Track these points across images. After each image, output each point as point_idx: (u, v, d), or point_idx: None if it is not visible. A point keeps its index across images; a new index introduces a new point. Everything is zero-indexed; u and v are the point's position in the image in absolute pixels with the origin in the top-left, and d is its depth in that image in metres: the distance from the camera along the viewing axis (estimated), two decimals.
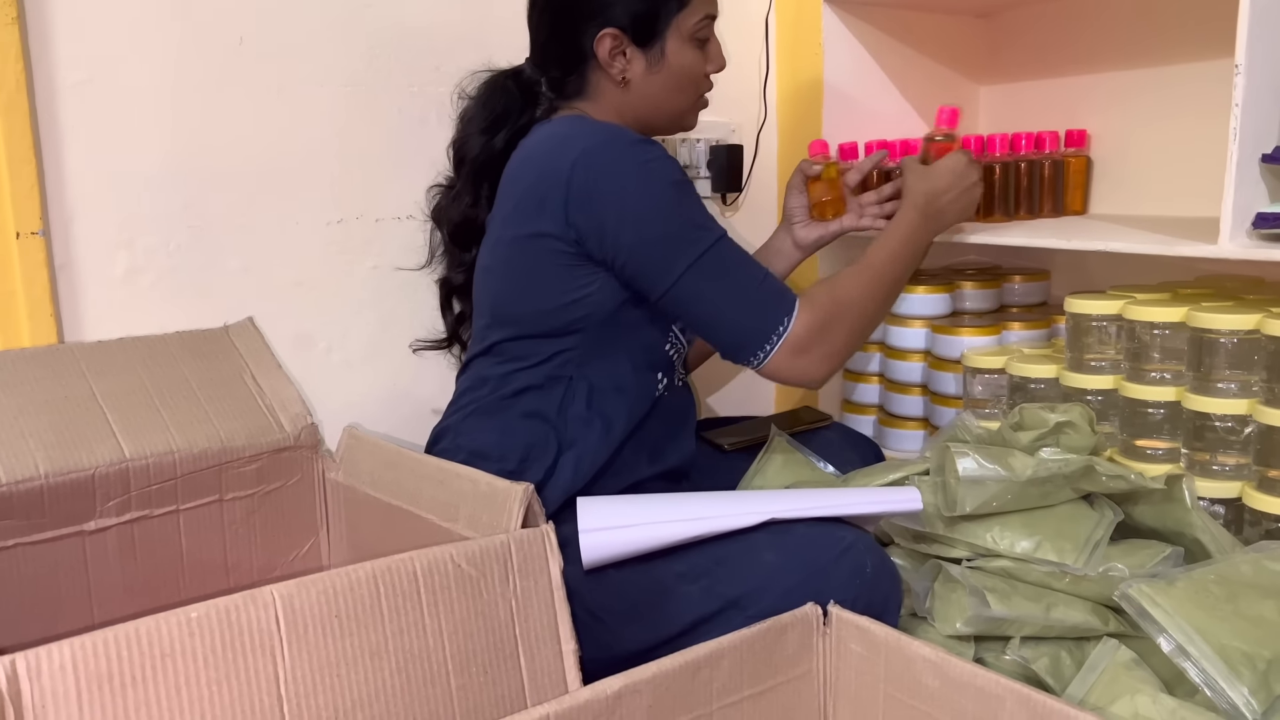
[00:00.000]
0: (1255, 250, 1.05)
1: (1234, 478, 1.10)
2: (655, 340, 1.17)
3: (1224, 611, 0.90)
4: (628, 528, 1.00)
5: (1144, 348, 1.16)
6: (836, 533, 1.00)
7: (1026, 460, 1.03)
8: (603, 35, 1.14)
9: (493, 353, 1.17)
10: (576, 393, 1.13)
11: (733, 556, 1.01)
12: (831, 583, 0.96)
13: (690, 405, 1.27)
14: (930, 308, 1.53)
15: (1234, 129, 1.05)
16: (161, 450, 1.08)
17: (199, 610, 0.69)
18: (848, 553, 0.98)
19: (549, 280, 1.10)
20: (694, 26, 1.17)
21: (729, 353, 1.10)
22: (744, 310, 1.07)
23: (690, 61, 1.18)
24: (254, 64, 1.29)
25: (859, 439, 1.50)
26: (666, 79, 1.18)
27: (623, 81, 1.17)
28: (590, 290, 1.10)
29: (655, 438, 1.18)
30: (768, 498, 1.06)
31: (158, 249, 1.25)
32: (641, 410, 1.16)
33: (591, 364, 1.13)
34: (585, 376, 1.13)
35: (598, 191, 1.05)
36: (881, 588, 0.99)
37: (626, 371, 1.14)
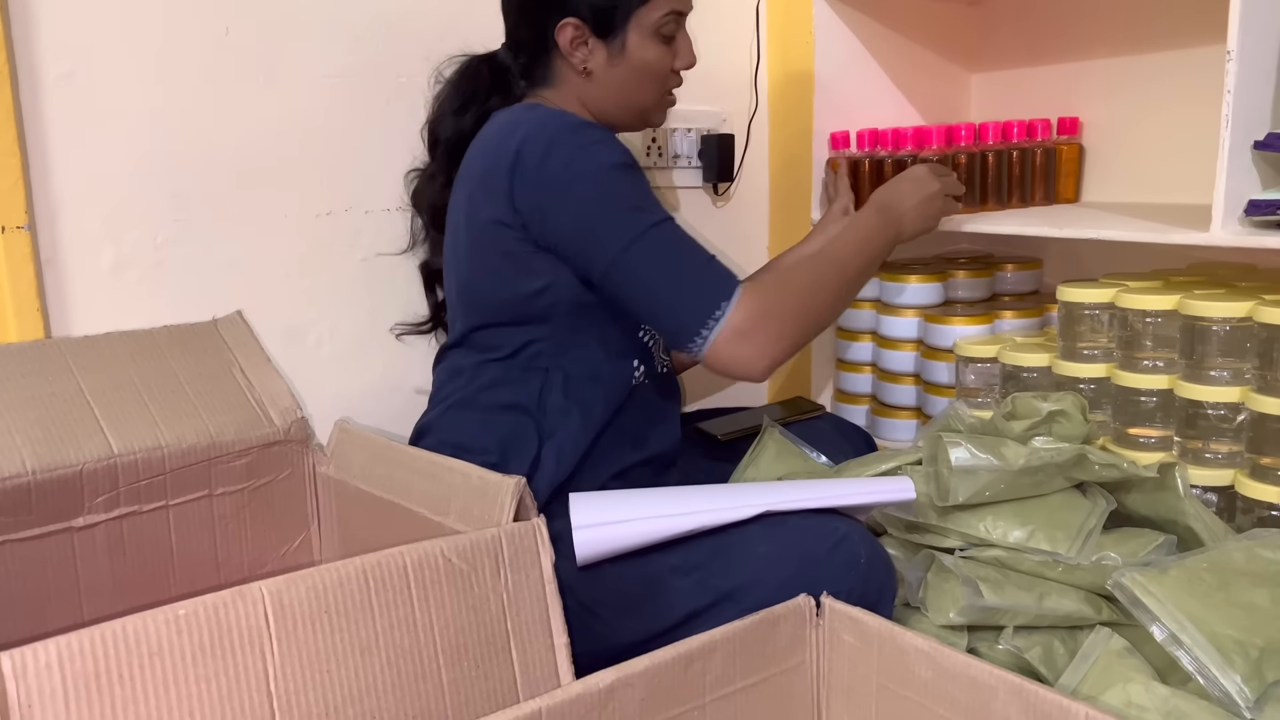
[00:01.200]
0: (1247, 237, 1.04)
1: (1226, 465, 1.10)
2: (628, 327, 1.16)
3: (1216, 599, 0.90)
4: (621, 523, 1.00)
5: (1136, 336, 1.16)
6: (830, 524, 1.00)
7: (1019, 450, 1.03)
8: (564, 24, 1.14)
9: (466, 343, 1.17)
10: (553, 383, 1.12)
11: (726, 549, 1.00)
12: (826, 574, 0.96)
13: (674, 392, 1.26)
14: (922, 297, 1.53)
15: (1226, 115, 1.04)
16: (150, 446, 1.08)
17: (187, 607, 0.68)
18: (842, 544, 0.98)
19: (507, 269, 1.10)
20: (657, 21, 1.15)
21: (670, 339, 1.06)
22: (681, 292, 1.02)
23: (653, 56, 1.16)
24: (241, 54, 1.28)
25: (851, 429, 1.50)
26: (628, 72, 1.16)
27: (585, 72, 1.16)
28: (549, 278, 1.09)
29: (637, 425, 1.17)
30: (761, 490, 1.05)
31: (145, 242, 1.24)
32: (619, 398, 1.15)
33: (566, 353, 1.12)
34: (560, 366, 1.12)
35: (539, 175, 1.05)
36: (876, 578, 0.99)
37: (600, 360, 1.14)
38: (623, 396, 1.15)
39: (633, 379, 1.17)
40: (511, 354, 1.13)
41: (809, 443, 1.34)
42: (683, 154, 1.66)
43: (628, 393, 1.16)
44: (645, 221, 1.03)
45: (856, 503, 1.04)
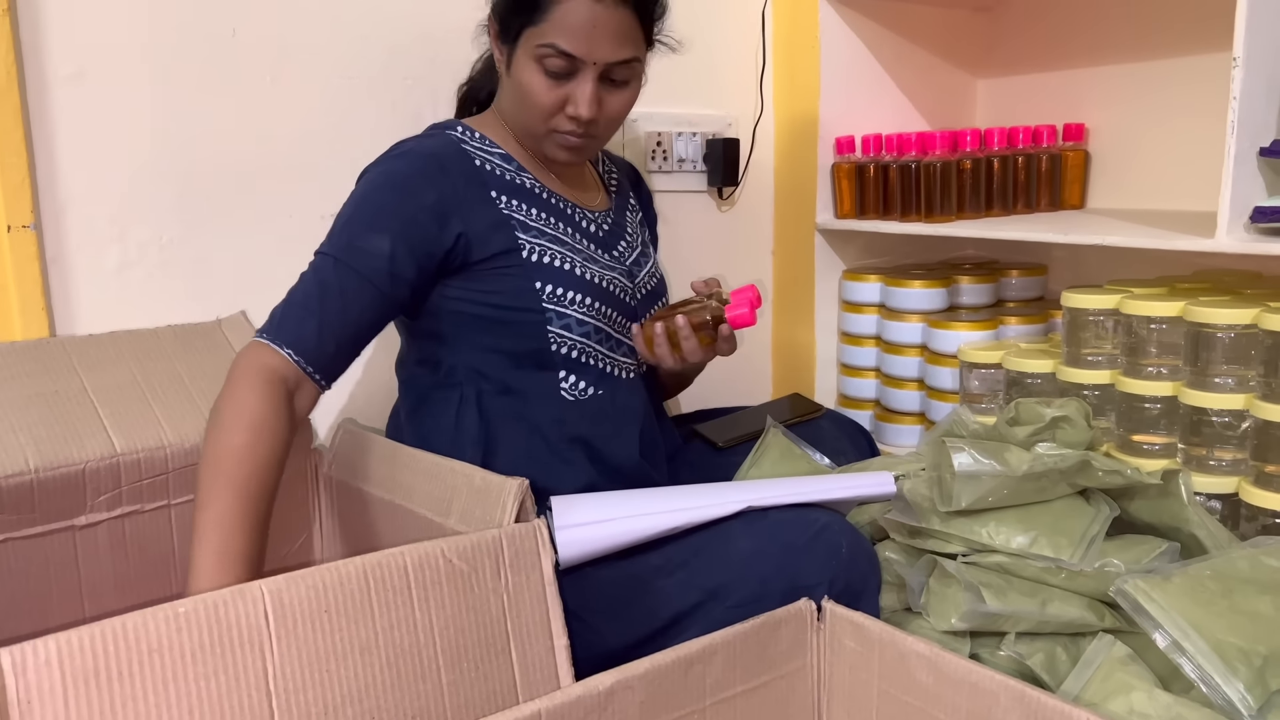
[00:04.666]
0: (1253, 244, 1.04)
1: (1231, 473, 1.09)
2: (533, 341, 1.13)
3: (1220, 607, 0.90)
4: (603, 523, 1.00)
5: (1141, 342, 1.16)
6: (810, 515, 0.99)
7: (1022, 455, 1.03)
8: (489, 17, 1.14)
9: (403, 356, 1.21)
10: (466, 399, 1.13)
11: (708, 547, 1.00)
12: (807, 564, 0.96)
13: (635, 404, 1.20)
14: (927, 302, 1.53)
15: (1232, 122, 1.04)
16: (153, 445, 1.08)
17: (187, 605, 0.68)
18: (822, 534, 0.98)
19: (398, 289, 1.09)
20: (536, 50, 1.07)
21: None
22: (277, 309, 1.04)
23: (532, 84, 1.09)
24: (247, 56, 1.29)
25: (852, 427, 1.49)
26: (512, 88, 1.13)
27: (504, 78, 1.16)
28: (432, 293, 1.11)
29: (587, 439, 1.15)
30: (743, 487, 1.05)
31: (150, 242, 1.24)
32: (548, 413, 1.13)
33: (476, 369, 1.13)
34: (473, 381, 1.13)
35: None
36: (858, 568, 0.98)
37: (510, 374, 1.13)
38: (554, 410, 1.14)
39: (561, 390, 1.14)
40: (431, 369, 1.15)
41: (811, 443, 1.34)
42: (687, 158, 1.67)
43: (565, 406, 1.14)
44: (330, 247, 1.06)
45: (837, 497, 1.04)
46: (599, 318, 1.17)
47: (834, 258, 1.68)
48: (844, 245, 1.69)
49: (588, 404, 1.16)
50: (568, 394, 1.15)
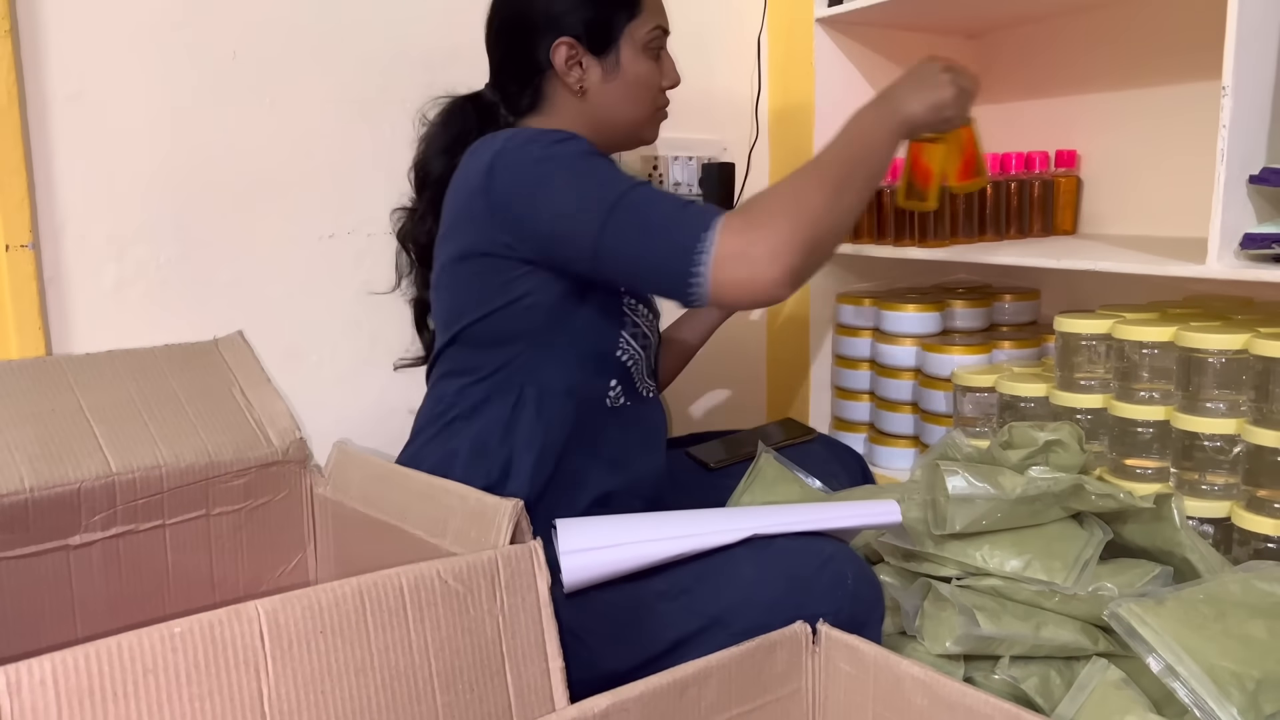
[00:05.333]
0: (1243, 270, 1.05)
1: (1223, 497, 1.10)
2: (604, 346, 1.15)
3: (1213, 631, 0.90)
4: (609, 548, 0.99)
5: (1133, 367, 1.16)
6: (816, 545, 1.00)
7: (1016, 479, 1.03)
8: (558, 44, 1.15)
9: (447, 367, 1.17)
10: (526, 399, 1.11)
11: (713, 573, 1.00)
12: (813, 595, 0.96)
13: (660, 421, 1.24)
14: (920, 326, 1.53)
15: (1221, 150, 1.05)
16: (148, 464, 1.08)
17: (182, 625, 0.68)
18: (828, 564, 0.98)
19: (488, 290, 1.10)
20: (646, 36, 1.17)
21: (671, 295, 1.00)
22: (661, 244, 0.97)
23: (645, 71, 1.19)
24: (247, 78, 1.30)
25: (844, 452, 1.49)
26: (623, 88, 1.18)
27: (580, 91, 1.17)
28: (528, 290, 1.09)
29: (617, 448, 1.16)
30: (748, 514, 1.05)
31: (147, 262, 1.25)
32: (594, 417, 1.14)
33: (540, 369, 1.12)
34: (535, 381, 1.12)
35: (510, 189, 1.05)
36: (864, 598, 0.98)
37: (575, 375, 1.13)
38: (600, 415, 1.15)
39: (608, 398, 1.16)
40: (487, 376, 1.13)
41: (803, 467, 1.34)
42: (684, 182, 1.68)
43: (605, 413, 1.15)
44: (613, 195, 0.99)
45: (842, 525, 1.04)
46: (652, 331, 1.21)
47: (828, 281, 1.69)
48: (838, 269, 1.70)
49: (623, 413, 1.17)
50: (610, 402, 1.16)
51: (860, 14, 1.54)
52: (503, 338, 1.11)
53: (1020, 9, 1.59)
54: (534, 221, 1.04)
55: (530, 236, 1.05)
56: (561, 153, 1.04)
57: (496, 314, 1.10)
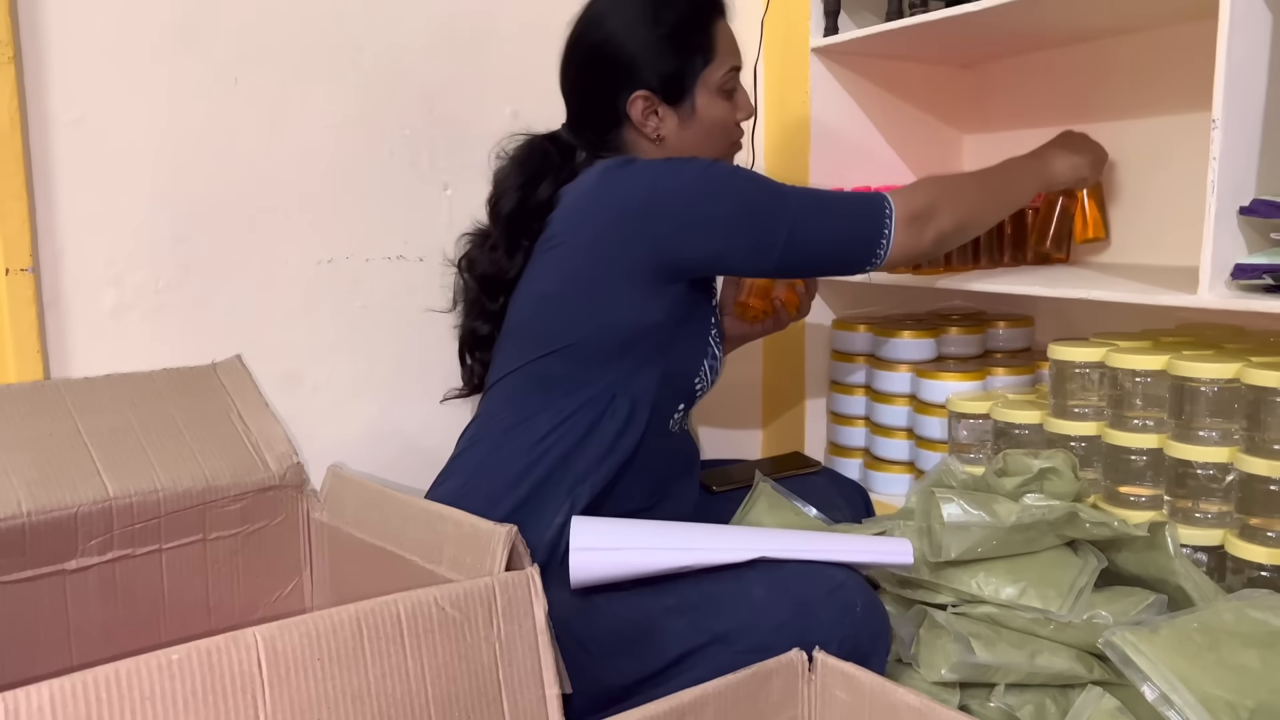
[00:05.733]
0: (1234, 300, 1.06)
1: (1216, 525, 1.10)
2: (689, 369, 1.20)
3: (1207, 660, 0.90)
4: (619, 550, 1.00)
5: (1126, 395, 1.17)
6: (827, 571, 1.00)
7: (1011, 506, 1.04)
8: (634, 98, 1.18)
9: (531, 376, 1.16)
10: (618, 408, 1.13)
11: (722, 591, 1.01)
12: (820, 621, 0.96)
13: (695, 454, 1.29)
14: (915, 352, 1.54)
15: (1212, 181, 1.07)
16: (145, 489, 1.08)
17: (180, 652, 0.68)
18: (837, 591, 0.98)
19: (619, 301, 1.12)
20: (721, 79, 1.21)
21: (855, 267, 1.17)
22: (854, 223, 1.14)
23: (720, 113, 1.22)
24: (248, 104, 1.31)
25: (847, 484, 1.50)
26: (699, 132, 1.22)
27: (657, 139, 1.21)
28: (655, 309, 1.12)
29: (659, 471, 1.19)
30: (760, 535, 1.06)
31: (146, 286, 1.26)
32: (654, 435, 1.16)
33: (634, 381, 1.14)
34: (628, 393, 1.14)
35: (684, 201, 1.10)
36: (870, 628, 0.99)
37: (661, 391, 1.16)
38: (659, 435, 1.17)
39: (671, 420, 1.20)
40: (580, 388, 1.13)
41: (803, 497, 1.35)
42: None
43: (663, 435, 1.18)
44: (791, 200, 1.12)
45: (854, 560, 1.04)
46: (721, 366, 1.27)
47: (824, 307, 1.70)
48: (834, 295, 1.71)
49: (673, 439, 1.21)
50: (671, 425, 1.20)
51: (855, 44, 1.56)
52: (612, 354, 1.13)
53: (1012, 41, 1.61)
54: (712, 232, 1.10)
55: (702, 247, 1.11)
56: (722, 171, 1.13)
57: (615, 330, 1.13)
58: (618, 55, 1.18)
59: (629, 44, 1.18)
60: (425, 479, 1.20)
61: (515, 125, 1.46)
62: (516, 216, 1.19)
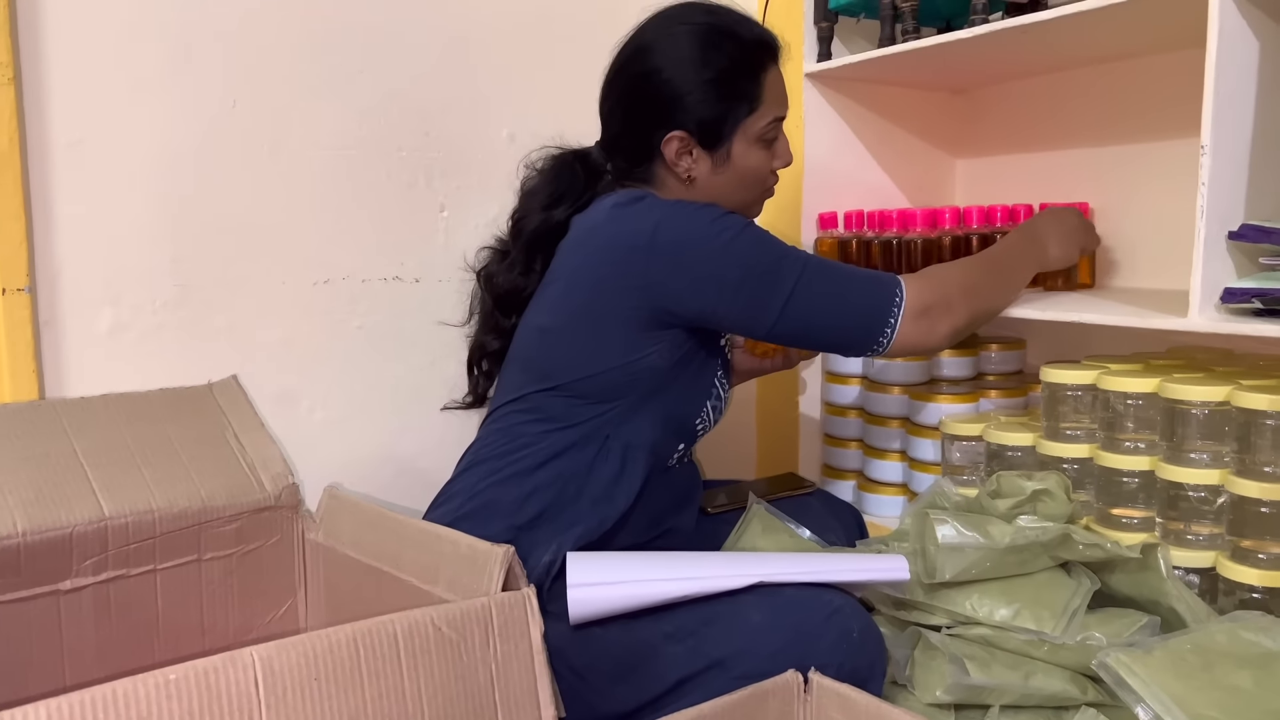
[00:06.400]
0: (1223, 324, 1.07)
1: (1208, 547, 1.11)
2: (689, 411, 1.18)
3: (1200, 681, 0.91)
4: (616, 584, 1.00)
5: (1118, 417, 1.18)
6: (824, 596, 1.01)
7: (1005, 528, 1.04)
8: (670, 138, 1.15)
9: (530, 407, 1.16)
10: (611, 451, 1.13)
11: (720, 617, 1.01)
12: (818, 646, 0.97)
13: (697, 483, 1.28)
14: (909, 374, 1.55)
15: (1201, 207, 1.08)
16: (141, 509, 1.08)
17: (177, 672, 0.68)
18: (835, 616, 0.99)
19: (614, 342, 1.11)
20: (762, 129, 1.17)
21: (856, 348, 1.12)
22: (857, 310, 1.09)
23: (756, 163, 1.19)
24: (246, 126, 1.32)
25: (841, 506, 1.50)
26: (731, 179, 1.19)
27: (688, 180, 1.18)
28: (651, 352, 1.11)
29: (661, 504, 1.18)
30: (757, 560, 1.06)
31: (143, 306, 1.26)
32: (656, 474, 1.16)
33: (629, 423, 1.13)
34: (621, 435, 1.13)
35: (682, 252, 1.07)
36: (868, 652, 0.99)
37: (659, 433, 1.15)
38: (659, 473, 1.17)
39: (673, 458, 1.19)
40: (576, 424, 1.13)
41: (797, 519, 1.35)
42: None
43: (663, 470, 1.18)
44: (799, 263, 1.08)
45: (850, 579, 1.04)
46: (727, 406, 1.25)
47: None
48: None
49: (674, 473, 1.21)
50: (673, 458, 1.20)
51: (848, 70, 1.57)
52: (607, 394, 1.13)
53: (1003, 67, 1.63)
54: (707, 284, 1.07)
55: (696, 298, 1.08)
56: (731, 224, 1.08)
57: (610, 372, 1.11)
58: (659, 92, 1.15)
59: (673, 83, 1.14)
60: (423, 500, 1.21)
61: (512, 148, 1.48)
62: (537, 236, 1.20)
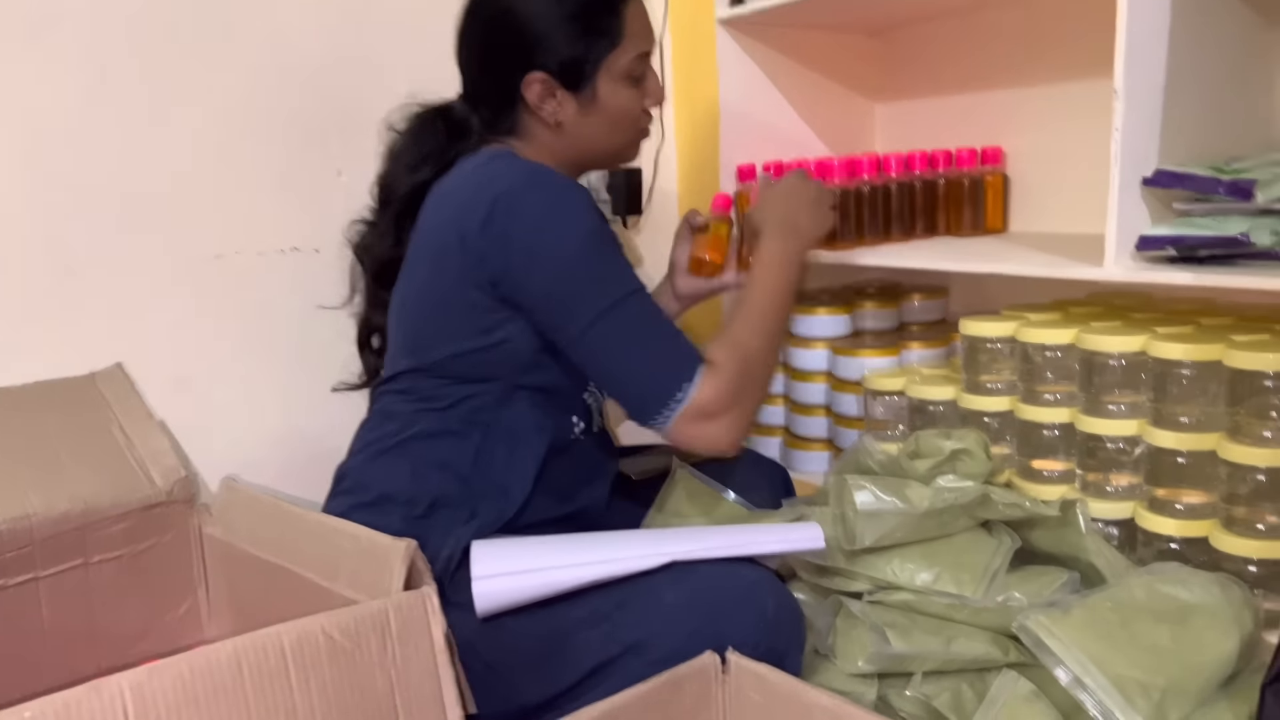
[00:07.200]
0: (1139, 273, 1.05)
1: (1127, 498, 1.11)
2: (573, 387, 1.13)
3: (1120, 639, 0.90)
4: (522, 574, 0.97)
5: (1036, 369, 1.16)
6: (739, 573, 0.98)
7: (923, 491, 1.02)
8: (530, 80, 1.10)
9: (403, 388, 1.12)
10: (493, 439, 1.08)
11: (633, 600, 0.98)
12: (733, 625, 0.94)
13: (608, 455, 1.24)
14: (831, 329, 1.53)
15: (1115, 152, 1.05)
16: (16, 514, 1.01)
17: (33, 709, 0.63)
18: (749, 593, 0.96)
19: (466, 324, 1.06)
20: (628, 66, 1.12)
21: (631, 414, 1.06)
22: (645, 371, 1.02)
23: (624, 100, 1.14)
24: (120, 96, 1.23)
25: (767, 465, 1.48)
26: (601, 121, 1.13)
27: (555, 124, 1.13)
28: (508, 334, 1.06)
29: (567, 481, 1.14)
30: (669, 538, 1.03)
31: (16, 292, 1.17)
32: (555, 452, 1.11)
33: (508, 407, 1.08)
34: (501, 421, 1.08)
35: (513, 234, 1.01)
36: (784, 629, 0.97)
37: (542, 414, 1.10)
38: (558, 450, 1.12)
39: (572, 434, 1.14)
40: (450, 406, 1.08)
41: (722, 481, 1.32)
42: (591, 188, 1.64)
43: (565, 446, 1.13)
44: (614, 294, 1.02)
45: (766, 551, 1.02)
46: None
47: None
48: None
49: (578, 446, 1.15)
50: (572, 434, 1.14)
51: (762, 15, 1.52)
52: (475, 375, 1.08)
53: (919, 7, 1.58)
54: (527, 279, 1.02)
55: (521, 290, 1.03)
56: (572, 223, 1.02)
57: (472, 354, 1.06)
58: (516, 33, 1.10)
59: (529, 22, 1.09)
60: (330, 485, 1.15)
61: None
62: (404, 203, 1.13)
